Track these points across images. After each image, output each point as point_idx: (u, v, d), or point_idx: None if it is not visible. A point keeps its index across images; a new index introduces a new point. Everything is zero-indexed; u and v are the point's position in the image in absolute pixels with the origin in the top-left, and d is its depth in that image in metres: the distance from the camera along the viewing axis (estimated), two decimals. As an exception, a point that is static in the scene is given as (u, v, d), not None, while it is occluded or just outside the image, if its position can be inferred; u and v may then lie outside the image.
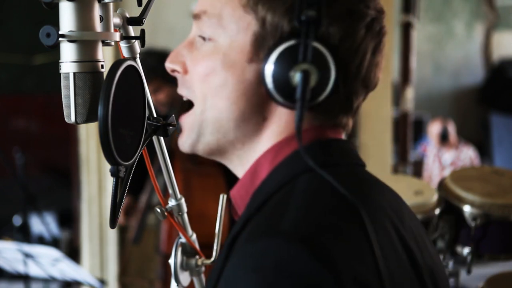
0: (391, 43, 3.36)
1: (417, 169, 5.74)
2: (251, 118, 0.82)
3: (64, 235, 4.78)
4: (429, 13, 7.04)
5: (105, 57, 0.84)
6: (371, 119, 3.24)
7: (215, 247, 1.02)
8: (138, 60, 0.93)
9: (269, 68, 0.78)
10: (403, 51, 3.42)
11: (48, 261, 2.24)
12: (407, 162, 3.53)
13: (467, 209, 1.62)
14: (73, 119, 0.81)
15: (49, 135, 4.92)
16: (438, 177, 5.45)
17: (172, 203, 1.04)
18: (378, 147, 3.30)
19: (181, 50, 0.86)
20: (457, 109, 7.31)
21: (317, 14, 0.75)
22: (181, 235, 1.05)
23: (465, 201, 1.64)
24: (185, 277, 1.05)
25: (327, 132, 0.83)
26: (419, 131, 6.43)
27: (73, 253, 4.03)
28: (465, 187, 1.66)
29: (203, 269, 1.07)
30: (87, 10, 0.80)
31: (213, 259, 1.03)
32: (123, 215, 3.00)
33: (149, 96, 0.93)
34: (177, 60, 0.86)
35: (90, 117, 0.82)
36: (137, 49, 0.93)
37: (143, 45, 0.90)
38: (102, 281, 2.36)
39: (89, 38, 0.80)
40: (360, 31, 0.80)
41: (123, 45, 0.92)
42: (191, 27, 0.87)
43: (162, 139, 1.00)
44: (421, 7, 4.01)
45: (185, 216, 1.06)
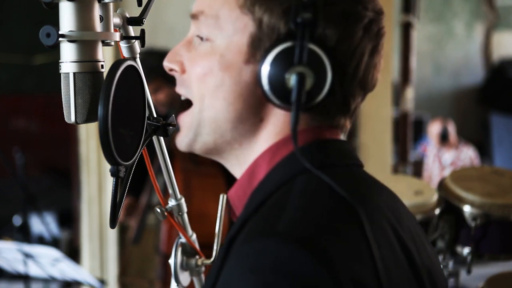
0: (391, 43, 3.36)
1: (417, 169, 5.74)
2: (248, 119, 0.82)
3: (64, 235, 4.78)
4: (429, 13, 7.04)
5: (105, 57, 0.84)
6: (371, 119, 3.24)
7: (215, 247, 1.02)
8: (138, 60, 0.93)
9: (265, 69, 0.78)
10: (403, 51, 3.42)
11: (48, 261, 2.24)
12: (407, 162, 3.54)
13: (467, 209, 1.62)
14: (73, 119, 0.81)
15: (49, 135, 4.92)
16: (438, 177, 5.45)
17: (172, 203, 1.04)
18: (378, 147, 3.30)
19: (179, 49, 0.86)
20: (457, 109, 7.31)
21: (313, 16, 0.75)
22: (181, 235, 1.05)
23: (465, 201, 1.64)
24: (185, 277, 1.05)
25: (325, 132, 0.83)
26: (419, 131, 6.43)
27: (73, 253, 4.03)
28: (465, 187, 1.66)
29: (203, 269, 1.07)
30: (87, 10, 0.80)
31: (213, 259, 1.03)
32: (124, 215, 3.00)
33: (149, 96, 0.93)
34: (175, 59, 0.86)
35: (90, 117, 0.82)
36: (137, 49, 0.93)
37: (143, 45, 0.90)
38: (102, 281, 2.36)
39: (89, 38, 0.80)
40: (357, 33, 0.80)
41: (123, 45, 0.92)
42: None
43: (162, 139, 1.00)
44: (421, 7, 4.01)
45: (185, 216, 1.06)
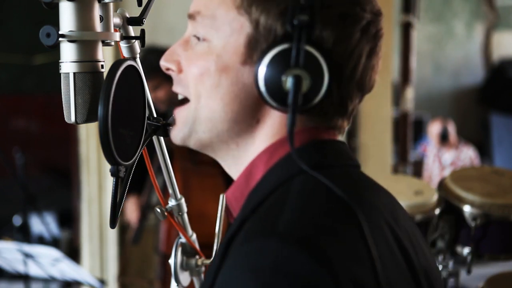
0: (391, 43, 3.36)
1: (417, 169, 5.74)
2: (244, 120, 0.82)
3: (64, 235, 4.78)
4: (429, 13, 7.04)
5: (105, 57, 0.84)
6: (371, 119, 3.24)
7: (215, 247, 1.02)
8: (138, 60, 0.93)
9: (262, 71, 0.77)
10: (403, 51, 3.42)
11: (48, 261, 2.24)
12: (407, 162, 3.53)
13: (467, 209, 1.62)
14: (73, 119, 0.82)
15: (49, 135, 4.92)
16: (438, 177, 5.45)
17: (172, 203, 1.04)
18: (378, 147, 3.30)
19: (176, 49, 0.86)
20: (457, 109, 7.31)
21: (310, 18, 0.75)
22: (181, 235, 1.05)
23: (465, 201, 1.63)
24: (185, 277, 1.05)
25: (322, 133, 0.83)
26: (419, 131, 6.43)
27: (73, 253, 4.03)
28: (465, 187, 1.66)
29: (203, 269, 1.07)
30: (87, 10, 0.80)
31: (213, 259, 1.03)
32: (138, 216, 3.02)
33: (149, 96, 0.93)
34: (172, 59, 0.86)
35: (90, 117, 0.82)
36: (137, 49, 0.93)
37: (143, 45, 0.90)
38: (102, 281, 2.36)
39: (89, 38, 0.80)
40: (355, 34, 0.79)
41: (123, 45, 0.92)
42: (190, 27, 0.87)
43: (162, 139, 1.00)
44: (421, 7, 4.01)
45: (185, 216, 1.06)
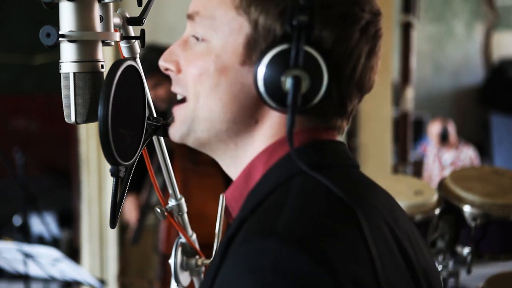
0: (391, 43, 3.36)
1: (417, 169, 5.74)
2: (243, 120, 0.82)
3: (64, 235, 4.77)
4: (429, 13, 7.04)
5: (105, 57, 0.84)
6: (371, 119, 3.24)
7: (215, 247, 1.02)
8: (138, 60, 0.93)
9: (261, 71, 0.77)
10: (403, 51, 3.42)
11: (48, 261, 2.24)
12: (407, 162, 3.54)
13: (467, 209, 1.62)
14: (73, 119, 0.82)
15: (49, 135, 4.92)
16: (438, 177, 5.45)
17: (172, 203, 1.04)
18: (378, 147, 3.30)
19: (175, 49, 0.86)
20: (457, 109, 7.31)
21: (309, 18, 0.74)
22: (181, 235, 1.05)
23: (465, 201, 1.64)
24: (185, 277, 1.05)
25: (321, 134, 0.83)
26: (419, 131, 6.43)
27: (73, 253, 4.03)
28: (465, 187, 1.66)
29: (203, 269, 1.07)
30: (87, 10, 0.80)
31: (212, 259, 1.03)
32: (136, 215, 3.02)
33: (149, 96, 0.93)
34: (171, 59, 0.85)
35: (90, 117, 0.82)
36: (137, 49, 0.93)
37: (143, 45, 0.90)
38: (102, 281, 2.36)
39: (89, 38, 0.80)
40: (354, 35, 0.79)
41: (123, 45, 0.92)
42: (190, 27, 0.87)
43: (162, 139, 1.00)
44: (421, 7, 4.01)
45: (185, 216, 1.06)
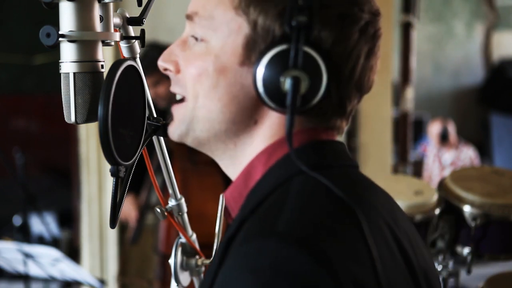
0: (391, 43, 3.36)
1: (417, 169, 5.74)
2: (242, 120, 0.82)
3: (64, 235, 4.78)
4: (429, 13, 7.04)
5: (105, 57, 0.84)
6: (371, 119, 3.24)
7: (215, 247, 1.02)
8: (138, 60, 0.93)
9: (260, 72, 0.77)
10: (403, 51, 3.42)
11: (48, 261, 2.24)
12: (407, 162, 3.53)
13: (467, 209, 1.62)
14: (73, 119, 0.82)
15: (49, 135, 4.92)
16: (438, 177, 5.45)
17: (172, 203, 1.04)
18: (378, 147, 3.30)
19: (174, 49, 0.86)
20: (457, 109, 7.31)
21: (308, 19, 0.74)
22: (181, 235, 1.05)
23: (465, 201, 1.63)
24: (185, 277, 1.05)
25: (320, 134, 0.83)
26: (419, 131, 6.43)
27: (73, 253, 4.03)
28: (465, 187, 1.66)
29: (203, 269, 1.07)
30: (87, 10, 0.80)
31: (212, 259, 1.03)
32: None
33: (149, 96, 0.93)
34: (170, 59, 0.85)
35: (90, 117, 0.82)
36: (137, 49, 0.93)
37: (143, 45, 0.90)
38: (102, 281, 2.36)
39: (89, 38, 0.80)
40: (353, 35, 0.79)
41: (123, 45, 0.92)
42: (190, 27, 0.87)
43: (162, 139, 1.00)
44: (421, 7, 4.01)
45: (185, 216, 1.06)
